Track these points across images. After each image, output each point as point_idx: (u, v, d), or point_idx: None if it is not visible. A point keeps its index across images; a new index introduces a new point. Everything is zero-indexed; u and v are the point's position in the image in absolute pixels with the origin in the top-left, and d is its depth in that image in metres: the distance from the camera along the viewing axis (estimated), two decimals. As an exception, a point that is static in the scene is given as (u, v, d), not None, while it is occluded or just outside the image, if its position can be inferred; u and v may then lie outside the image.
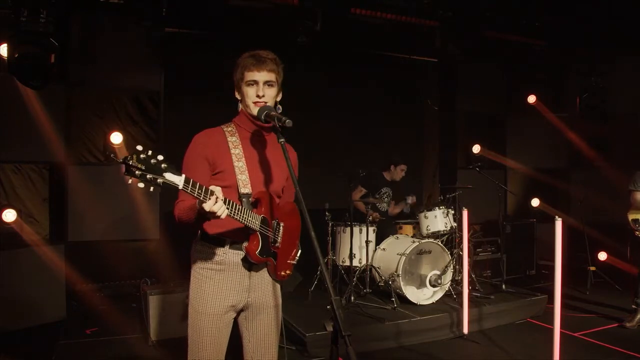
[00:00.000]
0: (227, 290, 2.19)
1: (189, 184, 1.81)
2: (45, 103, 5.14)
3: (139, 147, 1.68)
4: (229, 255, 2.20)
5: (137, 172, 1.66)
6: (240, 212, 2.05)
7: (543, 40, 6.95)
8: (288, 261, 2.35)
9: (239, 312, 2.29)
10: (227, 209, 1.95)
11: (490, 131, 7.89)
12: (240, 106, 2.28)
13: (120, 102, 5.82)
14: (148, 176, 1.68)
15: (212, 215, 1.89)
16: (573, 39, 6.72)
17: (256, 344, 2.29)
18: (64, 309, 5.11)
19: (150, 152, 1.69)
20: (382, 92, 7.30)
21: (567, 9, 6.08)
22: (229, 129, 2.26)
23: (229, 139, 2.22)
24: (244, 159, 2.20)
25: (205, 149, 2.16)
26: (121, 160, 1.66)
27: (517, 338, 4.75)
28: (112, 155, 1.74)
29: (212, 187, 1.89)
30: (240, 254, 2.19)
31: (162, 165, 1.71)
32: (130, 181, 1.68)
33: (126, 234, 5.76)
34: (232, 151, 2.19)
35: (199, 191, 1.84)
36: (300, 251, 2.46)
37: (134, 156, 1.66)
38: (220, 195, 1.90)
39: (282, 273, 2.32)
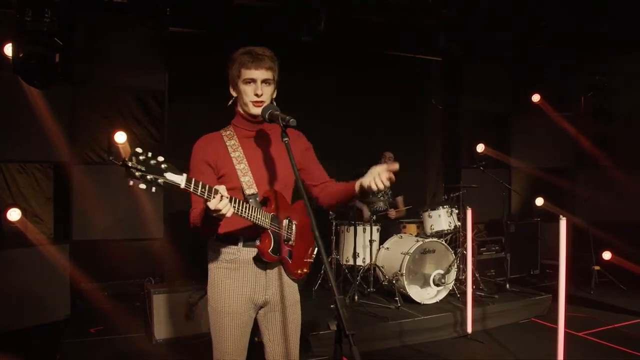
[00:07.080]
0: (243, 288, 2.19)
1: (191, 183, 1.79)
2: (49, 103, 5.15)
3: (138, 149, 1.66)
4: (242, 253, 2.19)
5: (137, 173, 1.64)
6: (248, 211, 2.04)
7: (548, 39, 6.92)
8: (305, 259, 2.33)
9: (258, 310, 2.28)
10: (234, 207, 1.94)
11: (494, 130, 7.84)
12: (237, 104, 2.27)
13: (124, 101, 5.82)
14: (149, 177, 1.66)
15: (218, 213, 1.88)
16: (578, 38, 6.69)
17: (277, 343, 2.28)
18: (68, 308, 5.12)
19: (150, 154, 1.67)
20: (385, 90, 7.28)
21: (571, 8, 6.05)
22: (227, 132, 2.25)
23: (227, 142, 2.21)
24: (245, 160, 2.19)
25: (204, 154, 2.17)
26: (120, 162, 1.63)
27: (521, 337, 4.74)
28: (111, 158, 1.72)
29: (216, 186, 1.88)
30: (254, 251, 2.17)
31: (163, 166, 1.69)
32: (131, 183, 1.65)
33: (130, 233, 5.77)
34: (232, 155, 2.18)
35: (202, 190, 1.82)
36: (317, 249, 2.39)
37: (133, 158, 1.64)
38: (225, 194, 1.88)
39: (299, 271, 2.31)
